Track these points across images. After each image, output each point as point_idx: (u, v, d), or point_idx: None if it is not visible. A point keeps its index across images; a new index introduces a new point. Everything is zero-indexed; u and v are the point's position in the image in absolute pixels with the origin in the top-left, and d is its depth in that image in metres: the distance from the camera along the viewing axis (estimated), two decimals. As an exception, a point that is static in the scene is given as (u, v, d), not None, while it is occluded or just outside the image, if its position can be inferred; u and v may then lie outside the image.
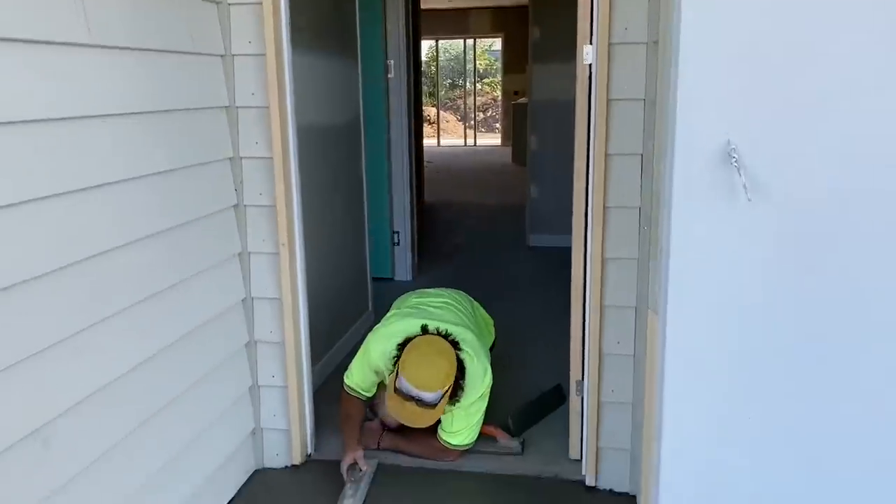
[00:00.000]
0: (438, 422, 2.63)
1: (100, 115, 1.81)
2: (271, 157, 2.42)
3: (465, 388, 2.56)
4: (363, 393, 2.72)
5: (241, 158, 2.45)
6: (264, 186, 2.45)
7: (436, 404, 2.45)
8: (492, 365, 2.70)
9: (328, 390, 3.23)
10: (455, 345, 2.56)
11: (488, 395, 2.66)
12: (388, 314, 2.89)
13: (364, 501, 2.47)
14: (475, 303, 3.14)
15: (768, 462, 1.95)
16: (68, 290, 1.71)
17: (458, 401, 2.56)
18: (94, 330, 1.79)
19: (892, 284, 1.80)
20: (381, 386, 2.77)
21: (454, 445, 2.64)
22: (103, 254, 1.81)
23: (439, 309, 2.85)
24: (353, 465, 2.55)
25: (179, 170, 2.14)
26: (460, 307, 2.92)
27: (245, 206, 2.48)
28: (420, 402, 2.44)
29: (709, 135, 1.78)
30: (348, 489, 2.49)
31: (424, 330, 2.60)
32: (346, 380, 2.73)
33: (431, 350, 2.52)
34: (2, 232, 1.51)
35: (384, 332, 2.71)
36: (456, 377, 2.50)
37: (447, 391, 2.46)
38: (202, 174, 2.29)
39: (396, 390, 2.47)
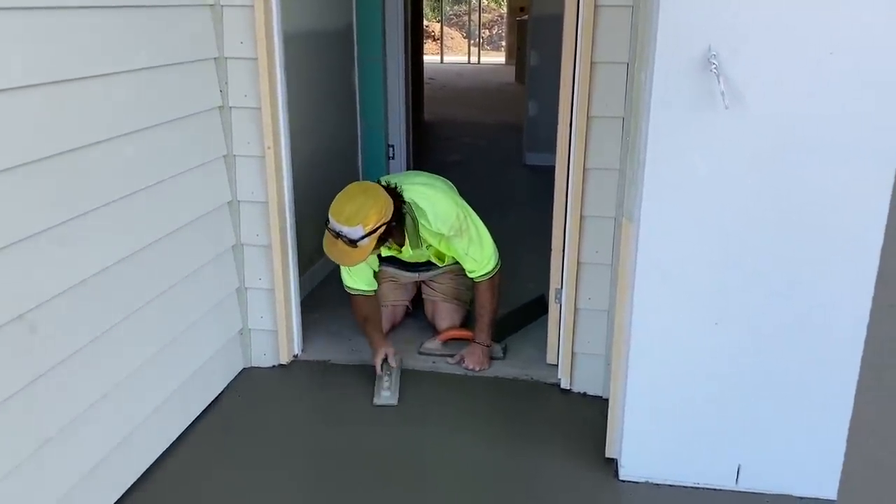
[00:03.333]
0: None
1: (80, 7, 1.80)
2: (256, 58, 2.40)
3: (430, 238, 2.68)
4: (366, 289, 2.78)
5: (227, 59, 2.43)
6: (249, 88, 2.44)
7: (357, 242, 2.45)
8: None
9: (319, 296, 3.31)
10: (398, 197, 2.57)
11: (475, 227, 2.71)
12: None
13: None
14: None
15: (732, 367, 2.01)
16: (48, 181, 1.73)
17: (403, 245, 2.68)
18: (78, 222, 1.82)
19: (865, 200, 1.82)
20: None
21: (485, 273, 2.73)
22: (84, 148, 1.83)
23: (410, 174, 2.92)
24: (385, 360, 2.69)
25: (162, 67, 2.14)
26: (438, 181, 2.93)
27: (230, 107, 2.48)
28: (345, 239, 2.44)
29: (689, 41, 1.76)
30: (385, 381, 2.63)
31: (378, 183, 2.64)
32: (345, 283, 2.78)
33: (359, 190, 2.55)
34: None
35: None
36: (390, 225, 2.50)
37: (371, 232, 2.45)
38: (186, 72, 2.28)
39: (328, 227, 2.50)
